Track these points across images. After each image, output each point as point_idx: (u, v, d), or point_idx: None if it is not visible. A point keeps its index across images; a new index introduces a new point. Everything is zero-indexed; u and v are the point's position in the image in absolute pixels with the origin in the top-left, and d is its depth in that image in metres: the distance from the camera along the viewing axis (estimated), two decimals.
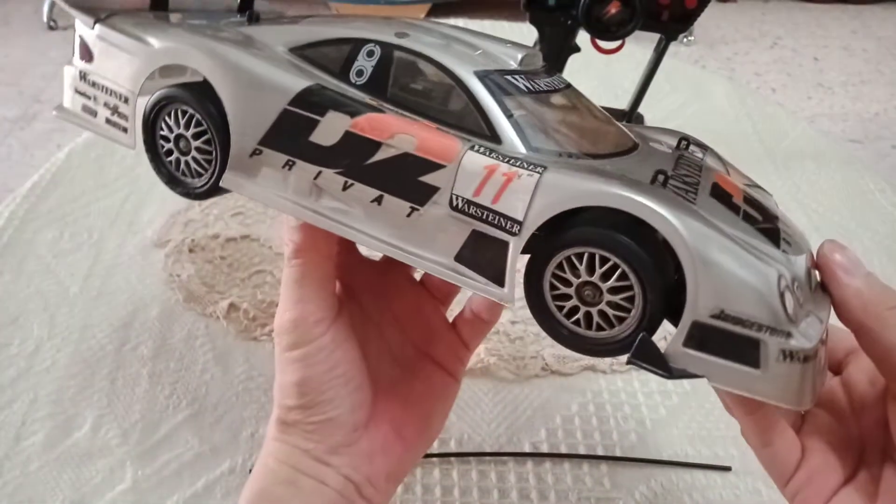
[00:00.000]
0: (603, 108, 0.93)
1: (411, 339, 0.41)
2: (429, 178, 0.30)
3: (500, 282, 0.30)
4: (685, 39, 1.29)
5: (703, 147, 0.38)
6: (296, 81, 0.33)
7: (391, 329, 0.41)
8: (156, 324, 0.61)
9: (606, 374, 0.57)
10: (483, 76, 0.33)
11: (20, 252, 0.68)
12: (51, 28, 1.90)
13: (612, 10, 0.70)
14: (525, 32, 0.89)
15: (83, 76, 0.39)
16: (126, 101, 0.38)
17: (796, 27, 1.39)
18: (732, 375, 0.27)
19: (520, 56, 0.36)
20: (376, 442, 0.37)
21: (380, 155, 0.31)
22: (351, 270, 0.40)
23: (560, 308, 0.30)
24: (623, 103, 0.82)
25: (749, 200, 0.33)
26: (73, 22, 0.42)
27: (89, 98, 0.39)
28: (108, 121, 0.39)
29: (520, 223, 0.29)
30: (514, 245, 0.29)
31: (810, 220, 0.76)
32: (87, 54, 0.39)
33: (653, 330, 0.28)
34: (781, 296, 0.26)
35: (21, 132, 1.03)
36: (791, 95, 1.11)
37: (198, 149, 0.36)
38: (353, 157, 0.32)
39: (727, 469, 0.50)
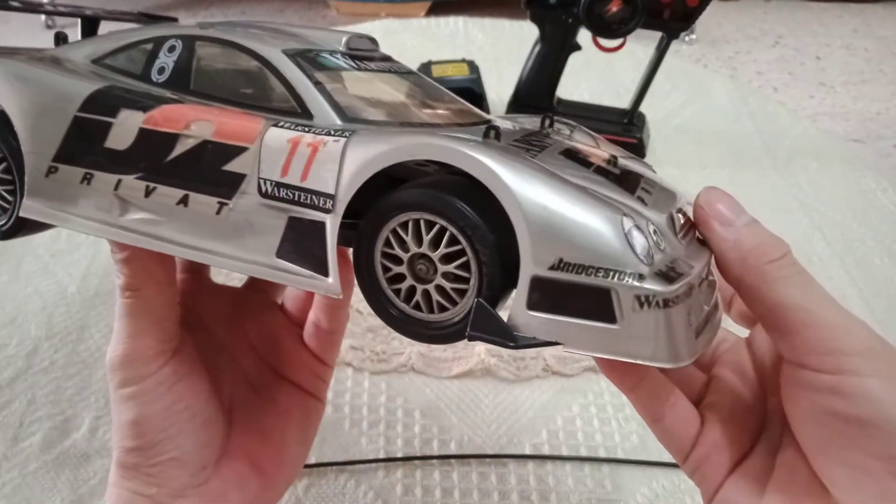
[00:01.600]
0: (604, 107, 0.92)
1: (268, 364, 0.39)
2: (233, 166, 0.27)
3: (323, 271, 0.26)
4: (686, 38, 1.29)
5: (571, 125, 0.35)
6: (86, 86, 0.30)
7: (246, 356, 0.39)
8: None
9: None
10: (293, 54, 0.31)
11: (18, 252, 0.68)
12: (49, 27, 1.89)
13: (614, 8, 0.70)
14: (526, 31, 0.88)
15: None
16: None
17: (798, 26, 1.38)
18: (589, 336, 0.23)
19: (344, 39, 0.34)
20: (229, 479, 0.34)
21: (178, 149, 0.28)
22: (199, 297, 0.38)
23: (397, 292, 0.26)
24: (624, 102, 0.82)
25: (611, 162, 0.30)
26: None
27: None
28: None
29: (332, 197, 0.26)
30: (331, 224, 0.26)
31: (811, 220, 0.76)
32: None
33: (495, 302, 0.25)
34: (628, 235, 0.23)
35: None
36: (792, 94, 1.11)
37: None
38: (150, 158, 0.29)
39: None
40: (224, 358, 0.38)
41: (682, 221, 0.28)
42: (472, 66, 0.87)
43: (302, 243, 0.27)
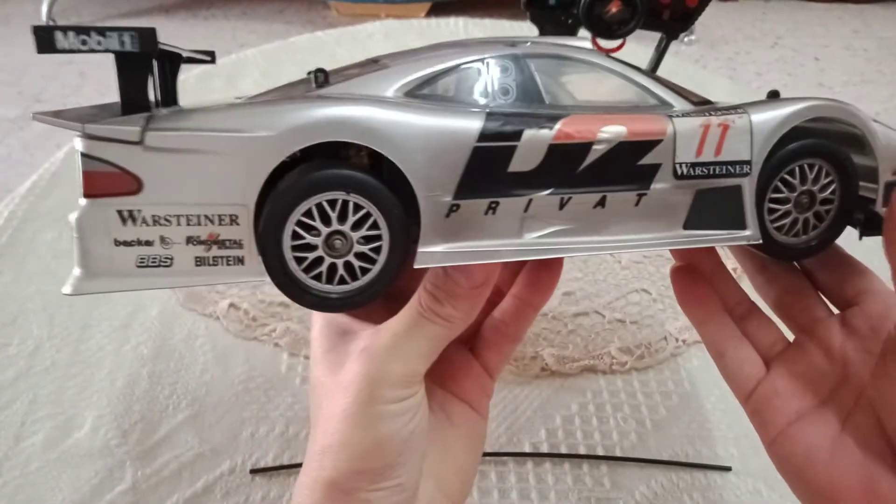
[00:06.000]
0: None
1: (433, 377, 0.36)
2: (648, 159, 0.31)
3: (741, 225, 0.32)
4: (686, 38, 1.29)
5: None
6: (468, 117, 0.30)
7: None
8: (155, 324, 0.61)
9: (606, 374, 0.57)
10: (609, 58, 0.36)
11: (20, 252, 0.68)
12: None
13: (613, 8, 0.70)
14: (525, 31, 0.89)
15: (129, 216, 0.28)
16: (235, 220, 0.29)
17: (797, 27, 1.39)
18: None
19: (589, 41, 0.39)
20: None
21: (591, 156, 0.31)
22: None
23: (780, 229, 0.34)
24: None
25: None
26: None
27: (149, 244, 0.29)
28: (200, 261, 0.29)
29: (748, 163, 0.32)
30: (748, 185, 0.32)
31: None
32: (125, 183, 0.28)
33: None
34: None
35: (21, 132, 1.03)
36: (792, 95, 1.11)
37: (363, 239, 0.30)
38: (563, 170, 0.31)
39: (727, 469, 0.50)
40: None
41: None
42: None
43: (712, 209, 0.32)
